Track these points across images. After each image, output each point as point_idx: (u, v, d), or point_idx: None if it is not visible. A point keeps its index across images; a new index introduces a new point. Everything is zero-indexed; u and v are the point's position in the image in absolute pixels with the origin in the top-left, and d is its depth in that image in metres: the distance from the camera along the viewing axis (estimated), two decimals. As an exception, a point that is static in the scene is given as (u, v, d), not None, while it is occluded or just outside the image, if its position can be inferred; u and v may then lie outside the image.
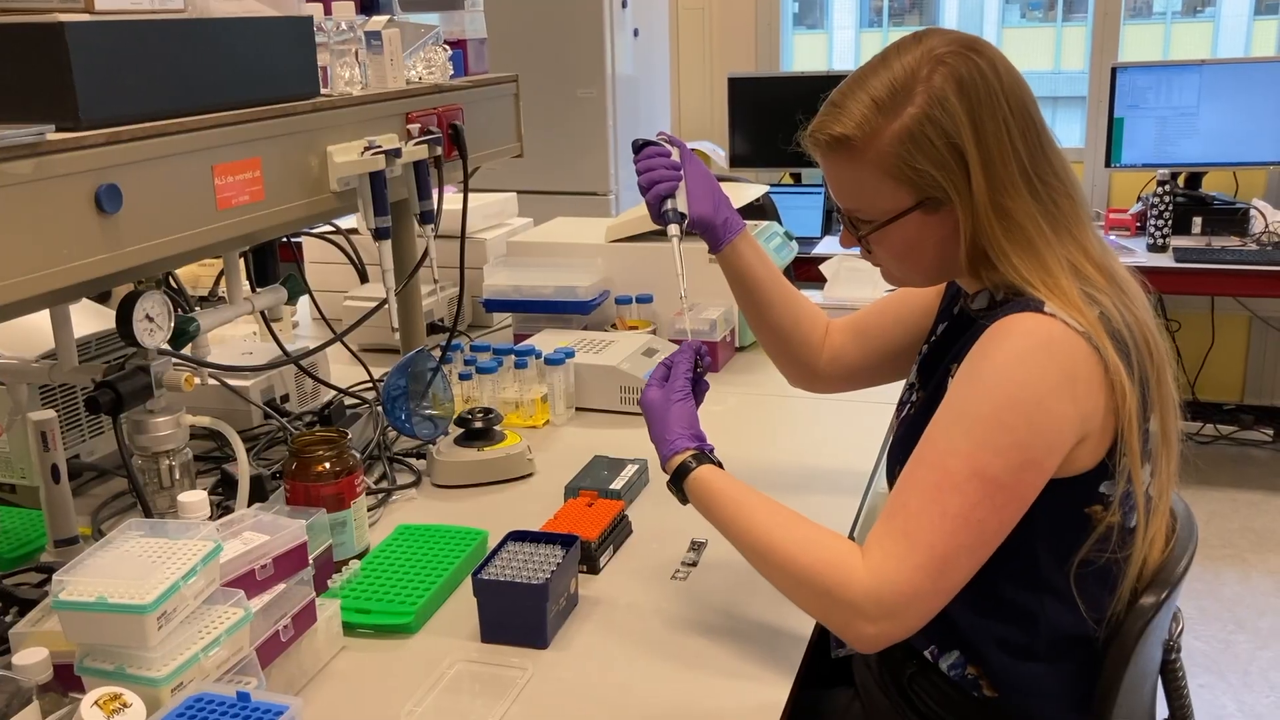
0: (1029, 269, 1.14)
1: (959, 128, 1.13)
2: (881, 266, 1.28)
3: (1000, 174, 1.14)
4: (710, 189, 1.48)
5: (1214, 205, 3.87)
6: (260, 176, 1.37)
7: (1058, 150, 1.19)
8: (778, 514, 1.20)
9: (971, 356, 1.14)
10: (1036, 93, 1.21)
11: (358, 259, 2.43)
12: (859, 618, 1.10)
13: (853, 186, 1.21)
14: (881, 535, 1.12)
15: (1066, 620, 1.19)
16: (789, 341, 1.55)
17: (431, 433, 1.75)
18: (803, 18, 6.26)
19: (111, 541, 1.08)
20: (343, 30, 1.62)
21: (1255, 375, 4.33)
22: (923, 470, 1.12)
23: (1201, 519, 3.85)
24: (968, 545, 1.10)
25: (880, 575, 1.09)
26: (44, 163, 1.06)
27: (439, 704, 1.16)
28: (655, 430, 1.30)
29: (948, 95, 1.14)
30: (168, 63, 1.24)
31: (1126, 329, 1.13)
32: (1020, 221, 1.15)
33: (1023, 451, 1.09)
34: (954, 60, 1.15)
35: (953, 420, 1.12)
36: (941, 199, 1.16)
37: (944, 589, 1.11)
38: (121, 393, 1.31)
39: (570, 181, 3.96)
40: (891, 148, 1.15)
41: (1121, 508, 1.17)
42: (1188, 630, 1.37)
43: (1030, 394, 1.09)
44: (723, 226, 1.49)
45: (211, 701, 0.98)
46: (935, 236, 1.19)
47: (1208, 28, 8.36)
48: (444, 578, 1.37)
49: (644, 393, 1.33)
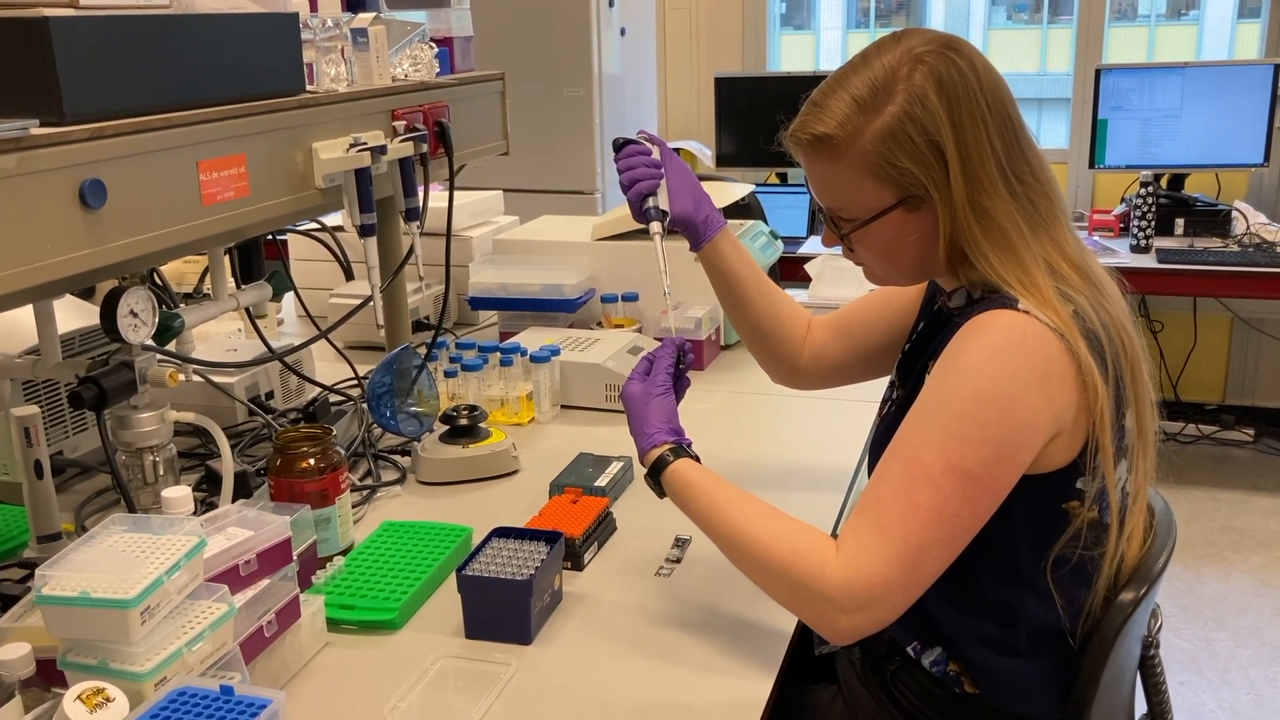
0: (1005, 267, 1.15)
1: (939, 125, 1.14)
2: (864, 265, 1.29)
3: (979, 172, 1.15)
4: (691, 186, 1.49)
5: (1196, 207, 3.90)
6: (245, 173, 1.37)
7: (1036, 150, 1.20)
8: (753, 507, 1.20)
9: (947, 353, 1.14)
10: (1021, 94, 1.21)
11: (343, 256, 2.43)
12: (833, 609, 1.11)
13: (834, 185, 1.22)
14: (856, 528, 1.13)
15: (1046, 616, 1.20)
16: (770, 338, 1.56)
17: (416, 430, 1.75)
18: (790, 18, 6.26)
19: (95, 536, 1.08)
20: (329, 27, 1.62)
21: (1237, 376, 4.36)
22: (897, 464, 1.13)
23: (1183, 518, 3.88)
24: (941, 538, 1.10)
25: (853, 568, 1.10)
26: (28, 157, 1.05)
27: (423, 700, 1.16)
28: (634, 423, 1.31)
29: (928, 93, 1.14)
30: (153, 58, 1.23)
31: (1101, 327, 1.14)
32: (998, 220, 1.16)
33: (996, 446, 1.10)
34: (934, 59, 1.16)
35: (927, 415, 1.13)
36: (922, 197, 1.17)
37: (916, 581, 1.11)
38: (105, 388, 1.30)
39: (556, 180, 3.97)
40: (873, 146, 1.16)
41: (1098, 504, 1.18)
42: (1168, 628, 1.38)
43: (1004, 389, 1.09)
44: (703, 224, 1.49)
45: (195, 696, 0.98)
46: (916, 235, 1.20)
47: (1191, 31, 8.40)
48: (428, 574, 1.37)
49: (625, 386, 1.34)
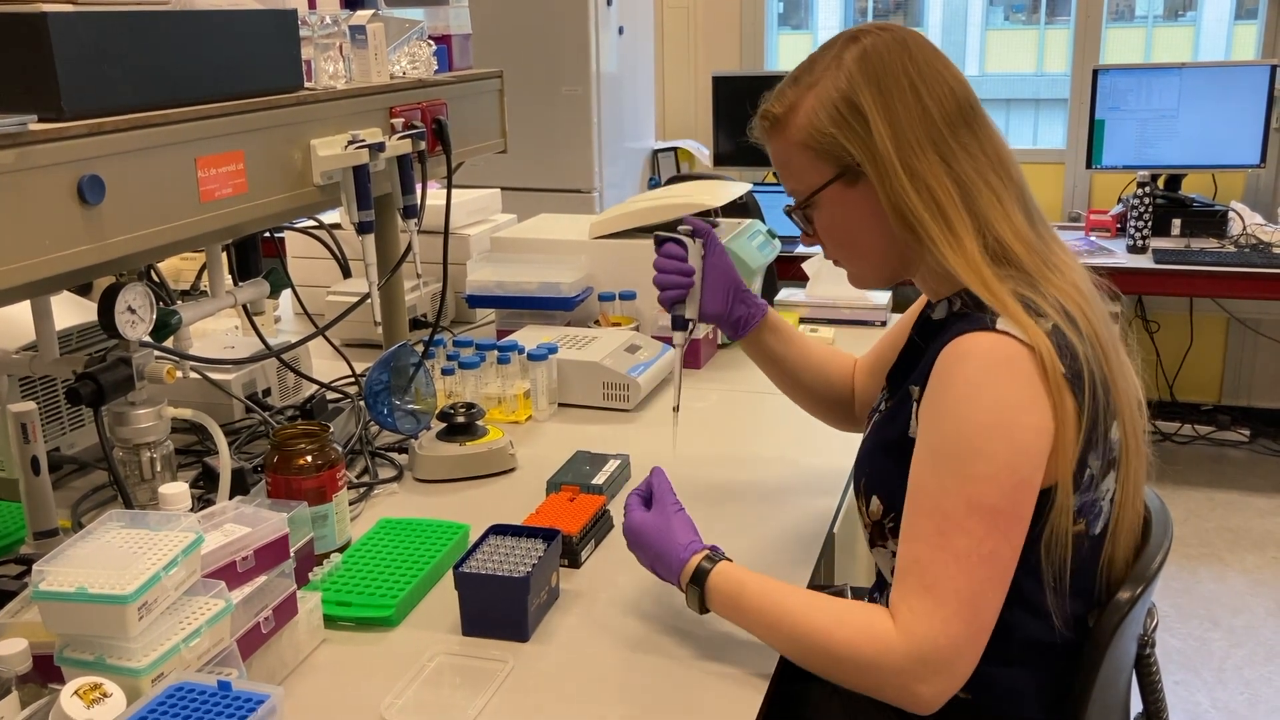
0: (939, 232, 1.16)
1: (857, 89, 1.19)
2: (837, 262, 1.31)
3: (908, 135, 1.18)
4: (726, 284, 1.48)
5: (1193, 207, 3.91)
6: (243, 169, 1.37)
7: (992, 133, 1.22)
8: (806, 597, 1.18)
9: (932, 387, 1.14)
10: (1018, 94, 1.23)
11: (340, 254, 2.43)
12: (911, 681, 1.09)
13: (783, 164, 1.28)
14: (904, 594, 1.11)
15: (1038, 628, 1.19)
16: (824, 400, 1.57)
17: (413, 427, 1.75)
18: (787, 18, 6.26)
19: (92, 532, 1.08)
20: (327, 24, 1.62)
21: (1233, 376, 4.37)
22: (921, 519, 1.12)
23: (1179, 518, 3.88)
24: (989, 578, 1.09)
25: (914, 635, 1.09)
26: (26, 153, 1.05)
27: (420, 696, 1.16)
28: (659, 547, 1.24)
29: (853, 64, 1.20)
30: (151, 54, 1.23)
31: (1079, 341, 1.13)
32: (929, 183, 1.17)
33: (1012, 473, 1.09)
34: (866, 37, 1.22)
35: (936, 461, 1.12)
36: (856, 169, 1.20)
37: (980, 628, 1.10)
38: (103, 384, 1.30)
39: (554, 178, 3.97)
40: (805, 119, 1.22)
41: (1085, 517, 1.17)
42: (1164, 628, 1.38)
43: (1001, 416, 1.09)
44: (737, 323, 1.50)
45: (192, 691, 0.98)
46: (862, 213, 1.22)
47: (1189, 31, 8.41)
48: (425, 571, 1.37)
49: (629, 519, 1.28)
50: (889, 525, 1.23)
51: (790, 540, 1.48)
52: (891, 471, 1.20)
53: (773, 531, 1.50)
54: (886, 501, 1.23)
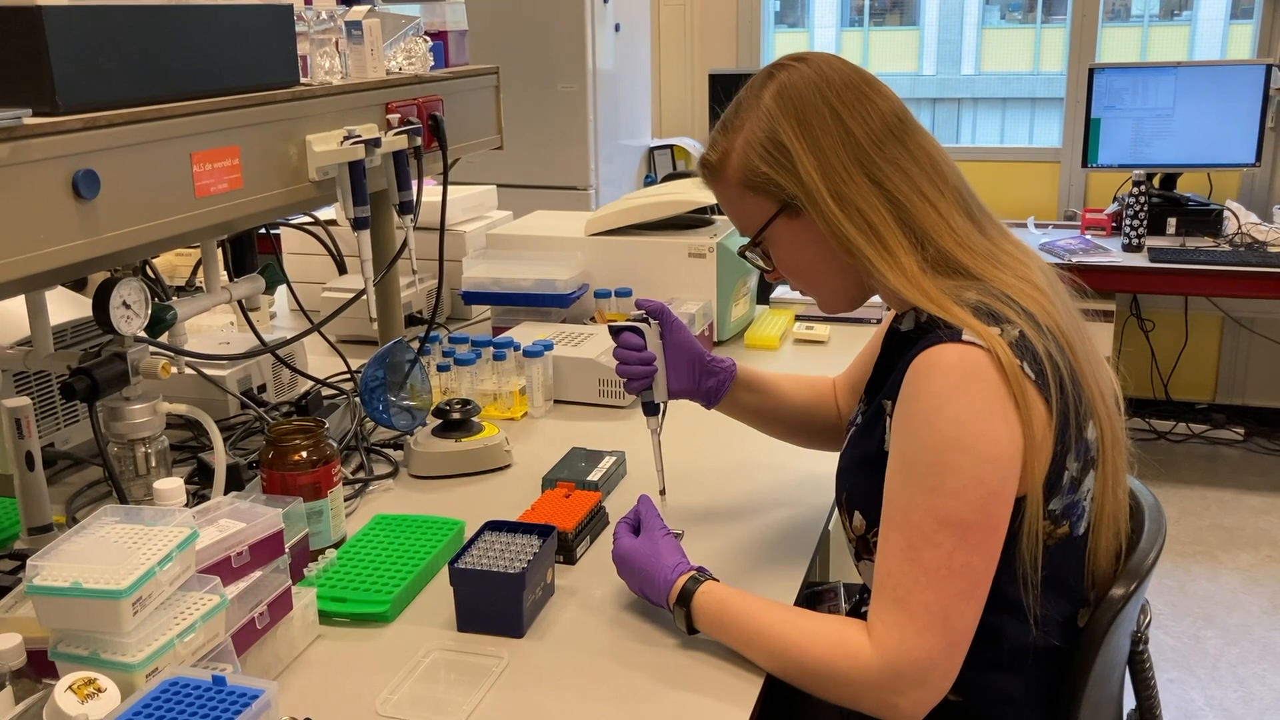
0: (875, 254, 1.18)
1: (778, 125, 1.21)
2: (803, 292, 1.33)
3: (832, 162, 1.19)
4: (689, 359, 1.47)
5: (1189, 206, 3.91)
6: (239, 165, 1.36)
7: (926, 143, 1.22)
8: (785, 613, 1.19)
9: (902, 402, 1.14)
10: (1014, 93, 1.23)
11: (336, 250, 2.42)
12: (886, 694, 1.09)
13: (730, 208, 1.31)
14: (878, 609, 1.11)
15: (1026, 634, 1.19)
16: (811, 431, 1.58)
17: (409, 424, 1.75)
18: (784, 16, 6.27)
19: (86, 527, 1.08)
20: (323, 19, 1.61)
21: (1227, 375, 4.38)
22: (894, 534, 1.12)
23: (1173, 516, 3.89)
24: (961, 592, 1.09)
25: (887, 649, 1.09)
26: (20, 147, 1.05)
27: (414, 692, 1.16)
28: (648, 570, 1.26)
29: (771, 101, 1.22)
30: (146, 48, 1.23)
31: (1038, 335, 1.12)
32: (859, 207, 1.18)
33: (980, 485, 1.08)
34: (781, 72, 1.24)
35: (905, 475, 1.12)
36: (794, 203, 1.21)
37: (956, 640, 1.10)
38: (97, 379, 1.30)
39: (550, 175, 3.97)
40: (738, 161, 1.25)
41: (1067, 519, 1.17)
42: (1157, 625, 1.39)
43: (968, 430, 1.08)
44: (709, 394, 1.49)
45: (186, 686, 0.98)
46: (808, 243, 1.24)
47: (1184, 31, 8.43)
48: (420, 567, 1.37)
49: (618, 545, 1.30)
50: (872, 540, 1.23)
51: (785, 538, 1.48)
52: (871, 487, 1.20)
53: (768, 530, 1.50)
54: (868, 517, 1.23)
